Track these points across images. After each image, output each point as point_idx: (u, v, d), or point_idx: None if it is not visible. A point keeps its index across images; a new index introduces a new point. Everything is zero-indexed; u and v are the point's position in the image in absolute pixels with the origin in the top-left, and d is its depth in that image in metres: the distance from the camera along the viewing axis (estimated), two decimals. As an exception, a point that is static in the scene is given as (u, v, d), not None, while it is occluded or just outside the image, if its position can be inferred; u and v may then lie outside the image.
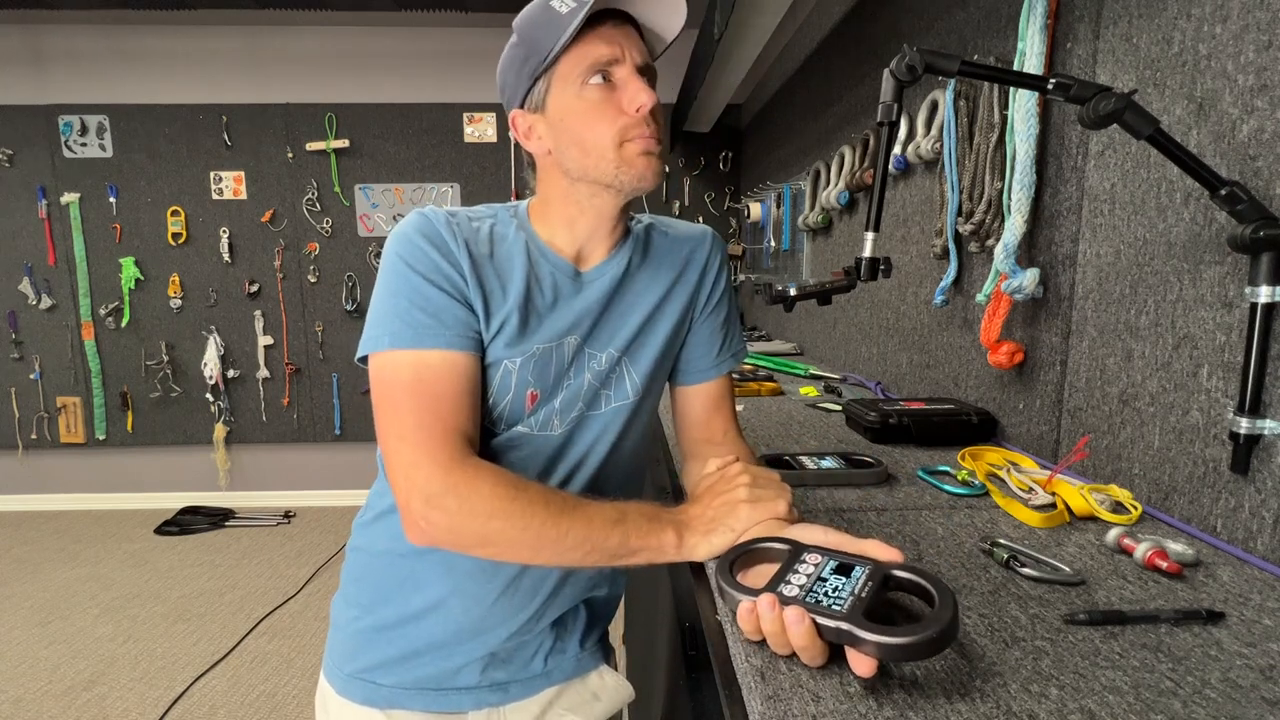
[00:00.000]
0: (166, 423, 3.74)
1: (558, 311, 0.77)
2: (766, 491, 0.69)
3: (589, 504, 0.67)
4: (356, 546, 0.86)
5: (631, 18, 0.74)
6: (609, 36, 0.71)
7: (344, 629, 0.85)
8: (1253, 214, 0.66)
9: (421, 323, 0.70)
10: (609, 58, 0.71)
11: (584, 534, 0.65)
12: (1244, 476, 0.71)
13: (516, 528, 0.64)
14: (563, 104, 0.73)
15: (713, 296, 0.88)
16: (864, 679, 0.48)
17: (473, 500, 0.64)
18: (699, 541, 0.67)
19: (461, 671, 0.82)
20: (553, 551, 0.65)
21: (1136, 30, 0.87)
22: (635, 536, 0.66)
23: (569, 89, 0.72)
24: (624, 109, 0.71)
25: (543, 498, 0.66)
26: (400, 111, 3.54)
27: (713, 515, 0.68)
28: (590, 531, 0.65)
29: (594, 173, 0.73)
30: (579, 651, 0.88)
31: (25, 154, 3.49)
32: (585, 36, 0.71)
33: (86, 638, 2.50)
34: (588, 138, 0.72)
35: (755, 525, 0.67)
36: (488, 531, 0.64)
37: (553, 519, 0.64)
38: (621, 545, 0.65)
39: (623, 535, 0.65)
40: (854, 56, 1.92)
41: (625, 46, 0.72)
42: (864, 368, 1.83)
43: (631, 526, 0.66)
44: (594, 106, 0.72)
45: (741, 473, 0.71)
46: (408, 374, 0.69)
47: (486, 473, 0.66)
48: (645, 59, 0.74)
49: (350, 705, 0.83)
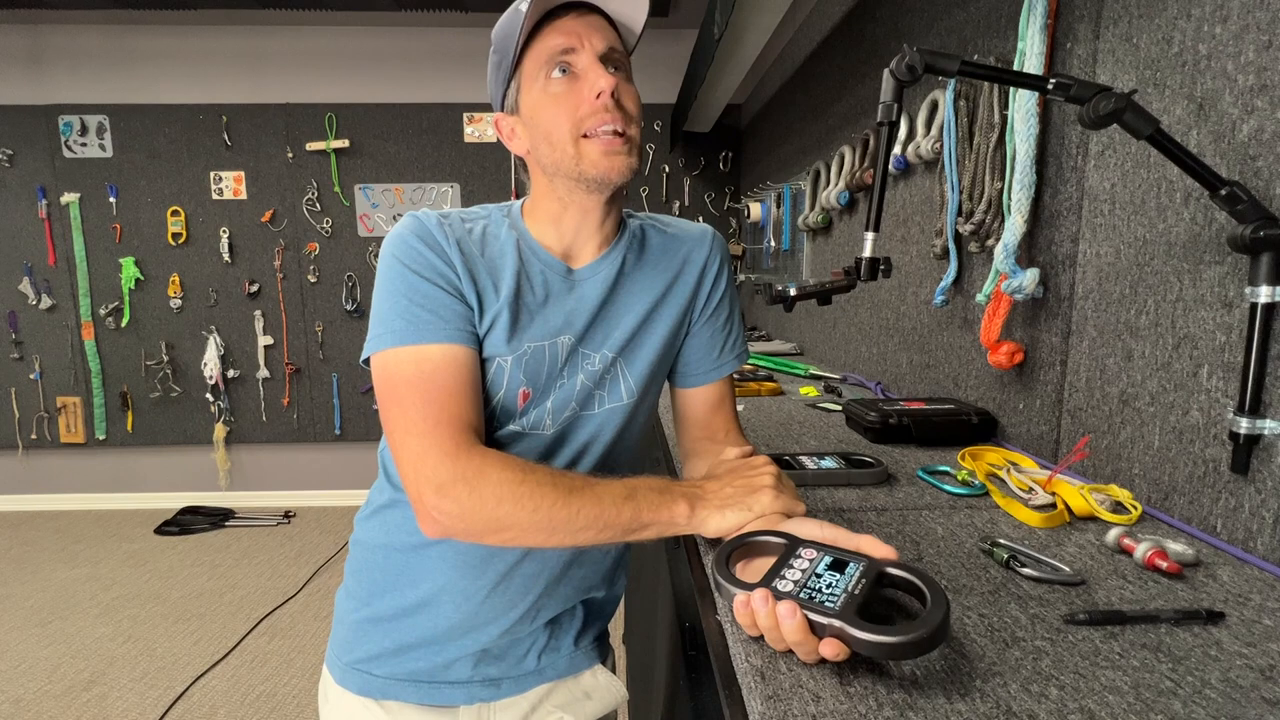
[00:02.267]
0: (166, 423, 3.74)
1: (549, 309, 0.77)
2: (788, 488, 0.71)
3: (598, 482, 0.67)
4: (356, 540, 0.88)
5: (601, 10, 0.74)
6: (567, 27, 0.71)
7: (344, 620, 0.87)
8: (1253, 214, 0.66)
9: (421, 319, 0.71)
10: (564, 46, 0.71)
11: (595, 512, 0.65)
12: (1244, 476, 0.71)
13: (527, 510, 0.64)
14: (531, 101, 0.74)
15: (713, 298, 0.87)
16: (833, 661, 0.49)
17: (482, 487, 0.65)
18: (711, 514, 0.67)
19: (454, 665, 0.82)
20: (566, 532, 0.65)
21: (1136, 30, 0.87)
22: (647, 511, 0.66)
23: (535, 86, 0.73)
24: (584, 97, 0.71)
25: (551, 479, 0.66)
26: (400, 111, 3.54)
27: (731, 493, 0.69)
28: (601, 509, 0.65)
29: (562, 167, 0.74)
30: (573, 650, 0.88)
31: (25, 154, 3.49)
32: (545, 29, 0.71)
33: (86, 638, 2.50)
34: (552, 132, 0.73)
35: (767, 516, 0.67)
36: (499, 516, 0.64)
37: (563, 500, 0.65)
38: (633, 520, 0.66)
39: (634, 510, 0.66)
40: (854, 56, 1.91)
41: (583, 34, 0.72)
42: (864, 368, 1.83)
43: (642, 501, 0.66)
44: (556, 99, 0.72)
45: (768, 463, 0.73)
46: (410, 369, 0.70)
47: (494, 459, 0.67)
48: (609, 44, 0.73)
49: (347, 694, 0.84)
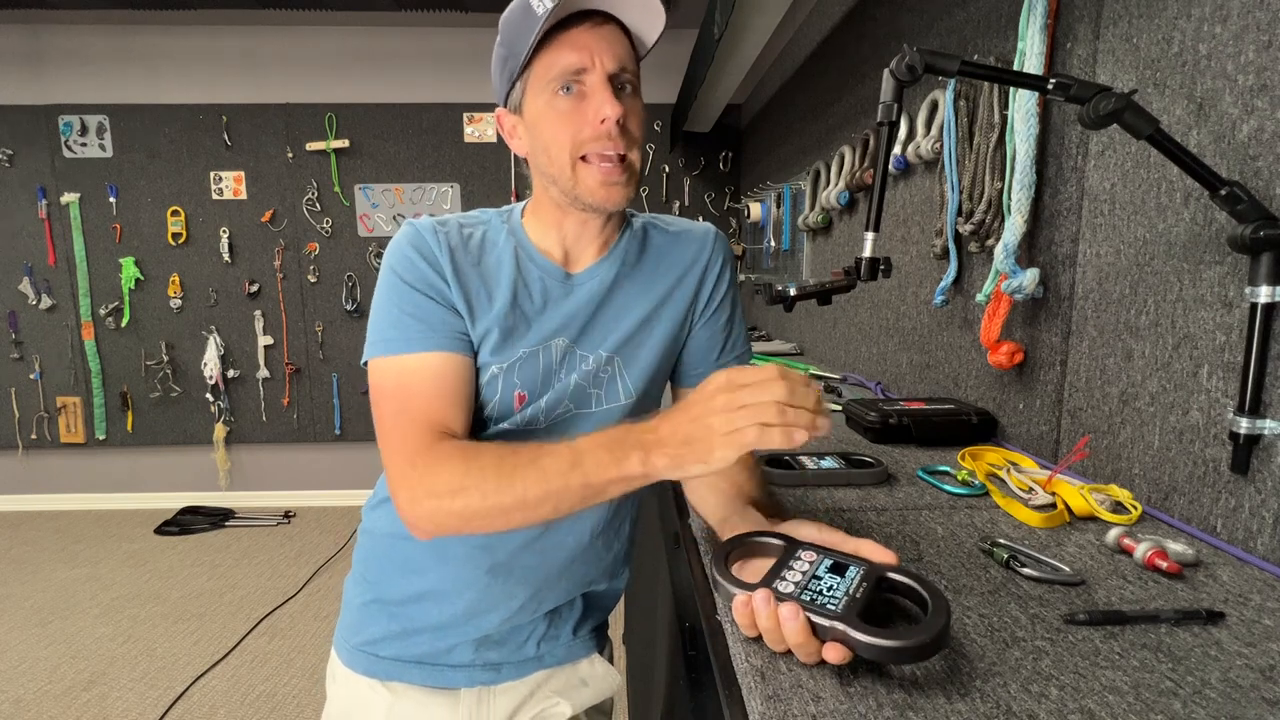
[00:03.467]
0: (166, 423, 3.73)
1: (546, 315, 0.78)
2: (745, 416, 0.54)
3: (544, 453, 0.62)
4: (364, 529, 0.90)
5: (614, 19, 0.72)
6: (580, 42, 0.69)
7: (352, 604, 0.90)
8: (1253, 214, 0.66)
9: (409, 328, 0.72)
10: (576, 66, 0.70)
11: (543, 489, 0.61)
12: (1244, 476, 0.71)
13: (477, 498, 0.63)
14: (535, 109, 0.73)
15: (714, 298, 0.87)
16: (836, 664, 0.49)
17: (434, 482, 0.65)
18: (666, 466, 0.59)
19: (456, 650, 0.85)
20: (521, 513, 0.63)
21: (1136, 30, 0.87)
22: (596, 473, 0.60)
23: (541, 95, 0.72)
24: (589, 119, 0.70)
25: (495, 462, 0.63)
26: (400, 111, 3.54)
27: (684, 437, 0.58)
28: (548, 483, 0.61)
29: (559, 182, 0.74)
30: (571, 639, 0.90)
31: (25, 154, 3.49)
32: (558, 39, 0.70)
33: (86, 638, 2.50)
34: (552, 146, 0.73)
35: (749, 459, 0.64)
36: (456, 508, 0.64)
37: (506, 481, 0.62)
38: (585, 486, 0.61)
39: (583, 476, 0.60)
40: (854, 56, 1.91)
41: (596, 52, 0.70)
42: (864, 368, 1.83)
43: (590, 464, 0.60)
44: (560, 116, 0.71)
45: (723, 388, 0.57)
46: (391, 380, 0.72)
47: (443, 451, 0.67)
48: (620, 64, 0.71)
49: (354, 675, 0.87)
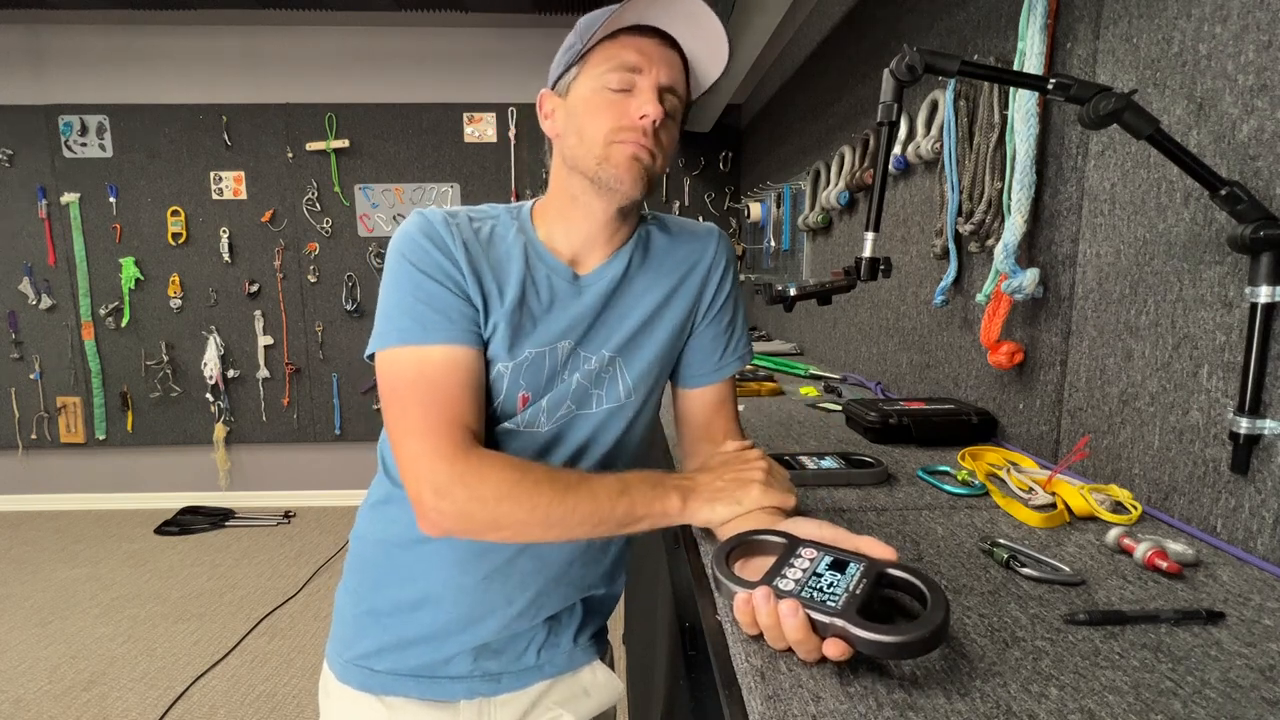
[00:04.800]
0: (166, 423, 3.73)
1: (553, 315, 0.77)
2: (780, 482, 0.72)
3: (593, 478, 0.70)
4: (356, 535, 0.88)
5: (681, 50, 0.75)
6: (644, 48, 0.72)
7: (344, 616, 0.88)
8: (1253, 214, 0.66)
9: (428, 318, 0.72)
10: (633, 64, 0.72)
11: (590, 508, 0.67)
12: (1244, 476, 0.71)
13: (524, 509, 0.66)
14: (582, 94, 0.75)
15: (717, 300, 0.87)
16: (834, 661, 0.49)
17: (480, 488, 0.66)
18: (701, 507, 0.70)
19: (454, 660, 0.83)
20: (562, 528, 0.68)
21: (1136, 30, 0.87)
22: (640, 504, 0.69)
23: (592, 82, 0.74)
24: (629, 113, 0.72)
25: (548, 477, 0.68)
26: (400, 111, 3.54)
27: (721, 486, 0.71)
28: (596, 505, 0.67)
29: (582, 162, 0.74)
30: (572, 646, 0.89)
31: (25, 154, 3.49)
32: (624, 38, 0.72)
33: (86, 638, 2.50)
34: (586, 128, 0.74)
35: (758, 510, 0.69)
36: (497, 515, 0.66)
37: (559, 497, 0.67)
38: (628, 514, 0.68)
39: (628, 505, 0.68)
40: (854, 56, 1.91)
41: (654, 59, 0.73)
42: (864, 368, 1.83)
43: (636, 495, 0.69)
44: (605, 103, 0.73)
45: (760, 458, 0.74)
46: (412, 370, 0.71)
47: (491, 460, 0.69)
48: (672, 82, 0.74)
49: (349, 690, 0.84)
